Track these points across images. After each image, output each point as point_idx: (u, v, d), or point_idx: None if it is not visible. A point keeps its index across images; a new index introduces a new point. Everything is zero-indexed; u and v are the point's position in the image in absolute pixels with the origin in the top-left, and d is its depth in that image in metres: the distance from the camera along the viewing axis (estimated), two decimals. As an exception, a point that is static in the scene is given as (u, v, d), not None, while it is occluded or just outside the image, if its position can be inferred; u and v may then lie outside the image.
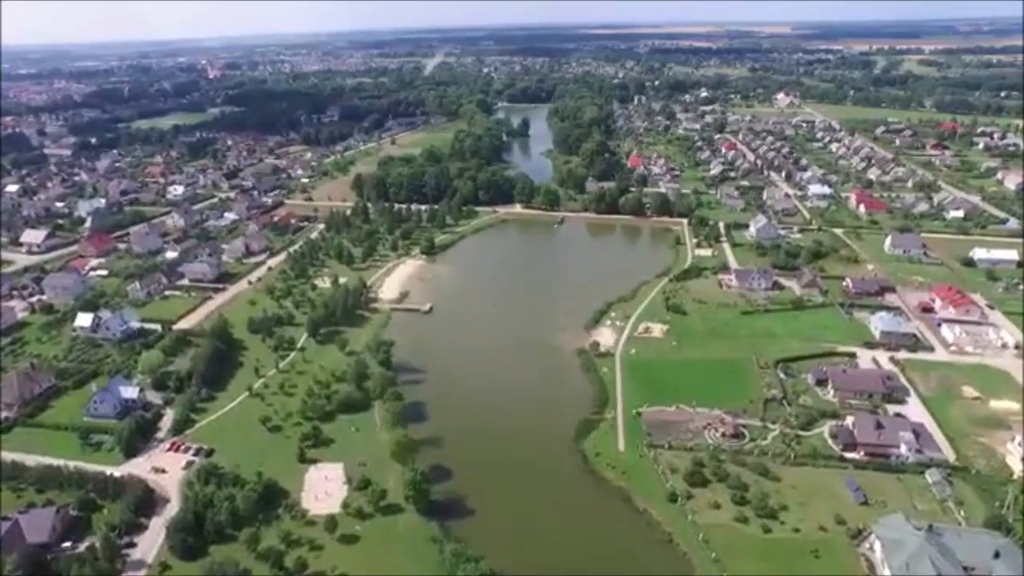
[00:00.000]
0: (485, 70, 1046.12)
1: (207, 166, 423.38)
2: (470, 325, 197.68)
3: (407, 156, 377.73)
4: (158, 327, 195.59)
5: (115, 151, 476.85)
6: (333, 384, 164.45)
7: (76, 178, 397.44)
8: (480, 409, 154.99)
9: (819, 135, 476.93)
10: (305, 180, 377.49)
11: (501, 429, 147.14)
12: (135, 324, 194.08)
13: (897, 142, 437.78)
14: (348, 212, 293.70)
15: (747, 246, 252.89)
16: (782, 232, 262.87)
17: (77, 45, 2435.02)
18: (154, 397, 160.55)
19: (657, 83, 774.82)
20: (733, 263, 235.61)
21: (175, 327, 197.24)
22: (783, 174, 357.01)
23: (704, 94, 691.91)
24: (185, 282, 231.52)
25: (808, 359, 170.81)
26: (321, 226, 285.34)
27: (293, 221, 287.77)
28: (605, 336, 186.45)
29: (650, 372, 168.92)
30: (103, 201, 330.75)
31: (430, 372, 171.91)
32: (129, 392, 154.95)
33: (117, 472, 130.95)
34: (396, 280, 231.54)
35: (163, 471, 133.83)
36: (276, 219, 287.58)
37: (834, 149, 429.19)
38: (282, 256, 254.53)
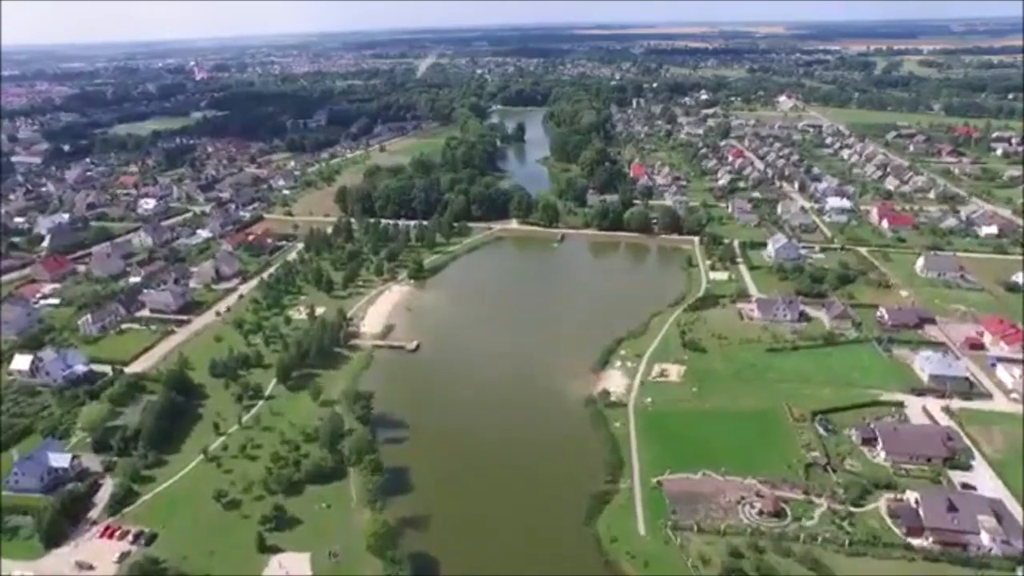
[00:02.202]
0: (479, 71, 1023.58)
1: (184, 176, 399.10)
2: (461, 367, 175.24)
3: (395, 166, 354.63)
4: (109, 369, 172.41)
5: (88, 159, 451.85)
6: (303, 445, 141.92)
7: (43, 189, 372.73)
8: (473, 477, 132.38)
9: (828, 140, 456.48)
10: (287, 192, 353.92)
11: (499, 504, 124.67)
12: (81, 367, 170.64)
13: (911, 148, 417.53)
14: (330, 230, 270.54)
15: (766, 268, 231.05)
16: (802, 251, 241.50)
17: (69, 46, 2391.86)
18: (93, 462, 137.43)
19: (655, 85, 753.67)
20: (753, 289, 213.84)
21: (128, 370, 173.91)
22: (796, 185, 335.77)
23: (704, 96, 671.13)
24: (146, 313, 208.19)
25: (849, 410, 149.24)
26: (300, 245, 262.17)
27: (270, 240, 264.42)
28: (615, 381, 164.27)
29: (669, 427, 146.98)
30: (67, 216, 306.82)
31: (415, 428, 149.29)
32: (60, 459, 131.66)
33: (30, 572, 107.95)
34: (380, 310, 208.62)
35: (90, 567, 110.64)
36: (251, 238, 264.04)
37: (845, 156, 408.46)
38: (257, 281, 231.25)
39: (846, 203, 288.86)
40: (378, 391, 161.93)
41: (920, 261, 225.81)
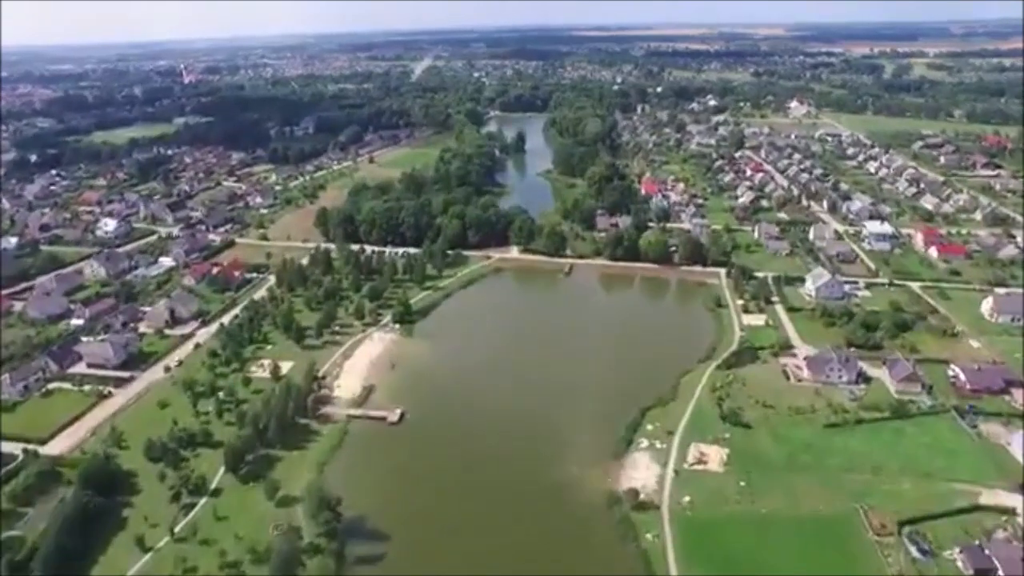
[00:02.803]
0: (476, 74, 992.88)
1: (155, 190, 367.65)
2: (452, 447, 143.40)
3: (384, 182, 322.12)
4: (19, 451, 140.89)
5: (55, 171, 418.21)
6: (250, 568, 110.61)
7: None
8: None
9: (849, 151, 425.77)
10: (264, 211, 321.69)
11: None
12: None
13: (942, 159, 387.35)
14: (306, 261, 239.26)
15: (807, 311, 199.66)
16: (846, 288, 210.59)
17: (65, 47, 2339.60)
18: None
19: (660, 89, 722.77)
20: (796, 339, 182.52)
21: (45, 450, 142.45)
22: (825, 204, 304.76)
23: (712, 102, 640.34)
24: (82, 368, 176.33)
25: (943, 517, 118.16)
26: (272, 279, 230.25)
27: (237, 273, 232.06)
28: (642, 469, 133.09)
29: (716, 540, 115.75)
30: (15, 240, 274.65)
31: (395, 540, 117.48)
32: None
33: None
34: (359, 366, 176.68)
35: None
36: (217, 270, 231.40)
37: (872, 169, 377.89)
38: (218, 326, 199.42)
39: (887, 228, 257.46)
40: (351, 482, 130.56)
41: (987, 302, 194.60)
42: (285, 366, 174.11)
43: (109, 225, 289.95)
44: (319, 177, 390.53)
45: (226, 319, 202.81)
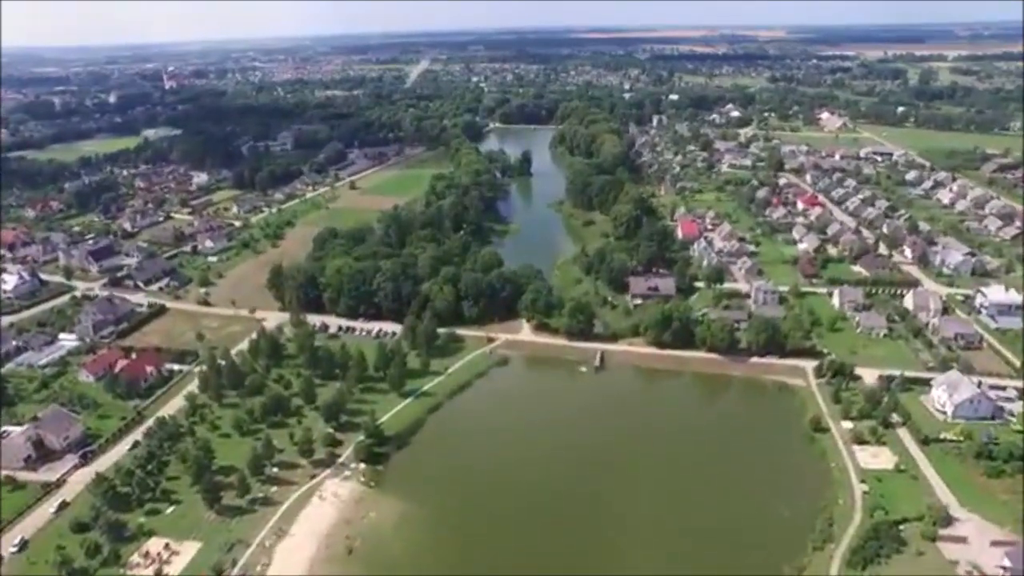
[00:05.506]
0: (474, 79, 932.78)
1: (92, 225, 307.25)
2: None
3: (359, 227, 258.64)
4: None
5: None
6: None
7: None
8: None
9: (909, 175, 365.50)
10: (213, 258, 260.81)
11: None
12: None
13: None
14: (246, 345, 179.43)
15: (949, 443, 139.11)
16: (992, 401, 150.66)
17: (60, 48, 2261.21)
18: None
19: (675, 98, 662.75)
20: (952, 503, 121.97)
21: None
22: (908, 253, 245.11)
23: (734, 113, 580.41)
24: None
25: None
26: (199, 375, 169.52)
27: (151, 369, 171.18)
28: None
29: None
30: None
31: None
32: None
33: None
34: (298, 552, 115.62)
35: None
36: (123, 365, 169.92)
37: (945, 200, 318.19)
38: (113, 464, 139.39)
39: (1015, 295, 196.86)
40: None
41: None
42: (186, 552, 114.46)
43: (8, 282, 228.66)
44: (288, 209, 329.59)
45: (120, 449, 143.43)
